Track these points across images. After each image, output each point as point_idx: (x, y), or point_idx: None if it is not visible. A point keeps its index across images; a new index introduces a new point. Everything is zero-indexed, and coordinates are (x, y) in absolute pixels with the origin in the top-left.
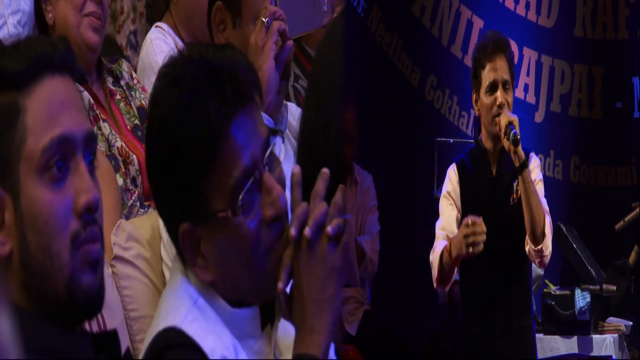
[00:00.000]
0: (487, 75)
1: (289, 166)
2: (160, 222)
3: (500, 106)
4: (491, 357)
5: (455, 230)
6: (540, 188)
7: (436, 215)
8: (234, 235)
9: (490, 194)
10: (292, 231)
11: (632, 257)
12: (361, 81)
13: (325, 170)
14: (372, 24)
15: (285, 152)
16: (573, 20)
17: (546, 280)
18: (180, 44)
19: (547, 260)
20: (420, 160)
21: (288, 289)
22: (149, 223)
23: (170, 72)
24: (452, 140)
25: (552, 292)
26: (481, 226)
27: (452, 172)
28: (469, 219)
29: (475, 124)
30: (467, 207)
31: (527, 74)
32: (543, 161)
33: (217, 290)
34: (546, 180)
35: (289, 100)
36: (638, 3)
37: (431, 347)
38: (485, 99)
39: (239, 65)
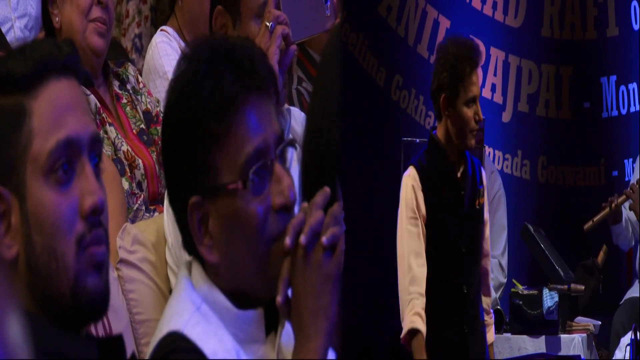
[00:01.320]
0: (470, 88)
1: (293, 172)
2: (166, 226)
3: (478, 121)
4: (459, 356)
5: (425, 268)
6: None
7: None
8: (241, 214)
9: (456, 195)
10: (287, 240)
11: (601, 257)
12: None
13: (327, 188)
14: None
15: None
16: (541, 21)
17: (514, 280)
18: (184, 47)
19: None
20: (386, 160)
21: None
22: (154, 227)
23: (190, 51)
24: (418, 140)
25: (520, 292)
26: None
27: (410, 177)
28: None
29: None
30: (435, 212)
31: (495, 74)
32: (510, 161)
33: (221, 279)
34: (514, 180)
35: (292, 104)
36: (606, 3)
37: (396, 346)
38: (466, 110)
39: (258, 54)
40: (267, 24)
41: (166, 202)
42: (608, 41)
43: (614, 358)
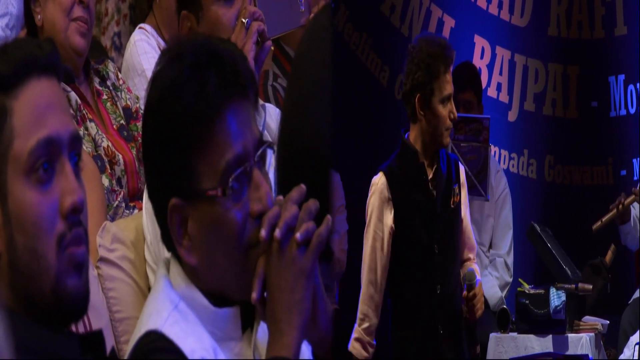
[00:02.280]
0: (444, 86)
1: (271, 174)
2: (144, 224)
3: (453, 120)
4: (437, 357)
5: (381, 285)
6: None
7: None
8: (220, 220)
9: (428, 197)
10: (263, 232)
11: (609, 256)
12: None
13: (303, 186)
14: (340, 23)
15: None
16: (547, 20)
17: (520, 280)
18: (163, 45)
19: None
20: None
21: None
22: (133, 224)
23: (173, 49)
24: None
25: (526, 291)
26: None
27: (379, 186)
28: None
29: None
30: (403, 215)
31: (500, 73)
32: (516, 160)
33: (199, 279)
34: (520, 179)
35: (268, 100)
36: (614, 2)
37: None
38: (441, 109)
39: (240, 58)
40: (243, 20)
41: (145, 199)
42: (616, 40)
43: (622, 357)
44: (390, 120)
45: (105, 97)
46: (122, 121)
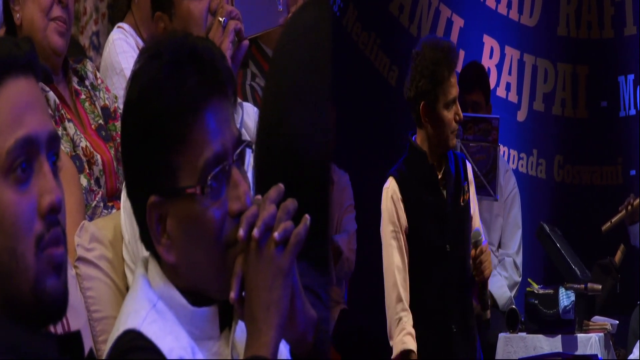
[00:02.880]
0: (449, 90)
1: (250, 173)
2: (122, 223)
3: (458, 121)
4: (449, 357)
5: (407, 283)
6: (476, 203)
7: None
8: (199, 218)
9: (438, 197)
10: (241, 231)
11: (618, 256)
12: (337, 80)
13: (281, 185)
14: (348, 23)
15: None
16: (556, 20)
17: (529, 280)
18: (141, 44)
19: None
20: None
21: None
22: (111, 224)
23: (152, 47)
24: None
25: (536, 291)
26: None
27: (390, 189)
28: None
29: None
30: (417, 217)
31: (509, 73)
32: (525, 160)
33: (178, 278)
34: (529, 179)
35: (246, 100)
36: (624, 2)
37: None
38: (446, 113)
39: (219, 56)
40: (220, 19)
41: (123, 198)
42: (626, 40)
43: (631, 357)
44: (399, 119)
45: (83, 96)
46: (101, 121)
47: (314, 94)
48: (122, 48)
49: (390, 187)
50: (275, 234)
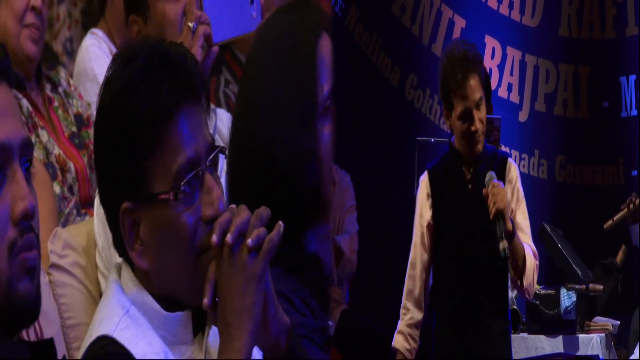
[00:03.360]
0: (457, 104)
1: (223, 179)
2: (96, 230)
3: (476, 132)
4: (465, 358)
5: (420, 280)
6: (522, 211)
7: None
8: (172, 224)
9: (464, 197)
10: (214, 237)
11: (620, 256)
12: (339, 81)
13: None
14: (350, 23)
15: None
16: (558, 20)
17: None
18: (114, 50)
19: (532, 296)
20: (401, 160)
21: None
22: (84, 230)
23: (125, 53)
24: (433, 140)
25: (537, 292)
26: None
27: (423, 183)
28: None
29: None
30: (440, 212)
31: (511, 74)
32: (527, 160)
33: (151, 284)
34: (531, 179)
35: (220, 107)
36: (625, 3)
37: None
38: (459, 124)
39: (192, 62)
40: (190, 24)
41: (96, 205)
42: (627, 41)
43: (633, 357)
44: (400, 120)
45: (56, 104)
46: (74, 128)
47: (287, 101)
48: (96, 54)
49: (423, 181)
50: (249, 240)
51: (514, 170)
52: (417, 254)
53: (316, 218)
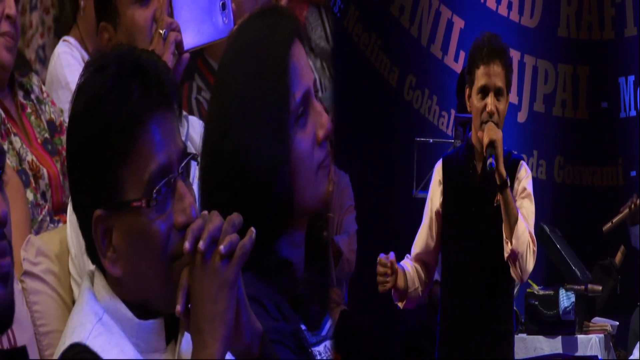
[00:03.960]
0: (479, 77)
1: (195, 186)
2: (69, 237)
3: (491, 114)
4: (466, 354)
5: (421, 252)
6: (527, 205)
7: (415, 215)
8: (144, 231)
9: (474, 192)
10: (186, 244)
11: (619, 257)
12: (338, 81)
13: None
14: (349, 24)
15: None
16: (557, 21)
17: (529, 280)
18: (87, 57)
19: (526, 276)
20: (400, 160)
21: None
22: (57, 238)
23: (97, 61)
24: (431, 140)
25: (536, 292)
26: (386, 268)
27: (437, 170)
28: (379, 259)
29: (456, 123)
30: (449, 202)
31: None
32: (526, 161)
33: (124, 291)
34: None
35: (192, 114)
36: (624, 3)
37: (409, 347)
38: (476, 101)
39: (164, 69)
40: (161, 31)
41: (69, 212)
42: (626, 41)
43: (632, 358)
44: (399, 120)
45: (29, 110)
46: (47, 135)
47: (259, 108)
48: (68, 61)
49: (437, 169)
50: (221, 247)
51: (524, 170)
52: (421, 234)
53: (289, 224)
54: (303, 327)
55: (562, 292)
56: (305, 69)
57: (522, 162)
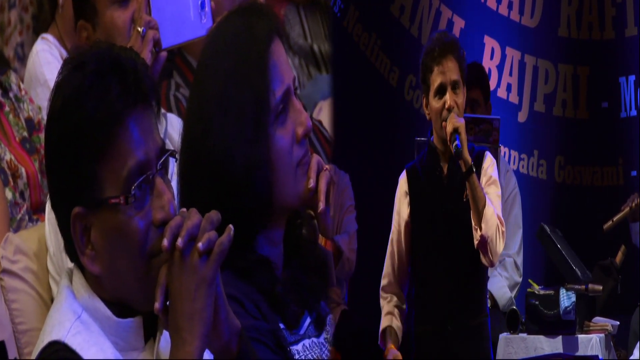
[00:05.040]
0: (434, 79)
1: (173, 182)
2: (47, 235)
3: (449, 109)
4: (443, 355)
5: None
6: (494, 190)
7: None
8: (123, 228)
9: (441, 192)
10: (165, 242)
11: (619, 257)
12: (338, 81)
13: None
14: (349, 24)
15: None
16: (557, 20)
17: (530, 280)
18: (65, 55)
19: (496, 259)
20: (400, 160)
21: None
22: (36, 235)
23: (76, 58)
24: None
25: (536, 292)
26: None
27: (401, 182)
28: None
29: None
30: (417, 209)
31: (510, 74)
32: (526, 161)
33: (102, 289)
34: (530, 180)
35: (170, 111)
36: (625, 3)
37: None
38: (434, 103)
39: (142, 67)
40: (139, 29)
41: (47, 210)
42: (626, 41)
43: (632, 358)
44: (399, 120)
45: (7, 109)
46: (25, 133)
47: (239, 105)
48: (46, 59)
49: (401, 179)
50: (199, 244)
51: (489, 159)
52: (390, 250)
53: (267, 222)
54: (281, 325)
55: (562, 292)
56: (285, 66)
57: (486, 152)
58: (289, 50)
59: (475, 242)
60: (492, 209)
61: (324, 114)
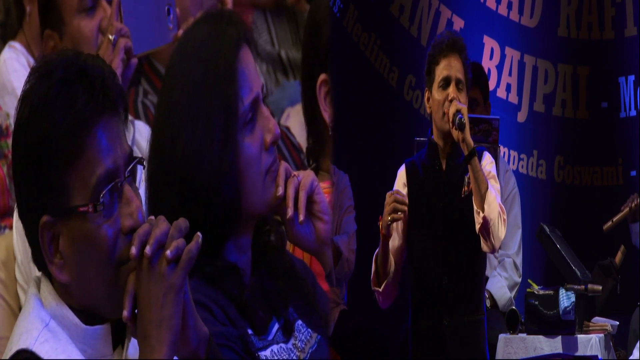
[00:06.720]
0: (440, 72)
1: (141, 190)
2: (15, 244)
3: (452, 100)
4: (440, 351)
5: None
6: (494, 183)
7: None
8: (91, 236)
9: (439, 187)
10: (133, 249)
11: (619, 257)
12: (338, 81)
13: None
14: (349, 24)
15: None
16: (557, 20)
17: (529, 280)
18: (33, 62)
19: (498, 244)
20: (399, 160)
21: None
22: (3, 244)
23: (43, 66)
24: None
25: (536, 292)
26: (401, 196)
27: (399, 174)
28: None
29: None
30: (416, 203)
31: (510, 74)
32: (526, 161)
33: (71, 297)
34: (529, 180)
35: (138, 117)
36: (624, 3)
37: (409, 347)
38: (437, 94)
39: (110, 74)
40: (110, 37)
41: (15, 219)
42: (626, 41)
43: (632, 358)
44: (399, 121)
45: None
46: None
47: (207, 112)
48: (14, 67)
49: (400, 173)
50: (167, 252)
51: (488, 157)
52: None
53: (235, 229)
54: (250, 331)
55: (562, 292)
56: (254, 74)
57: (484, 152)
58: (256, 57)
59: (477, 226)
60: (494, 194)
61: (292, 120)
